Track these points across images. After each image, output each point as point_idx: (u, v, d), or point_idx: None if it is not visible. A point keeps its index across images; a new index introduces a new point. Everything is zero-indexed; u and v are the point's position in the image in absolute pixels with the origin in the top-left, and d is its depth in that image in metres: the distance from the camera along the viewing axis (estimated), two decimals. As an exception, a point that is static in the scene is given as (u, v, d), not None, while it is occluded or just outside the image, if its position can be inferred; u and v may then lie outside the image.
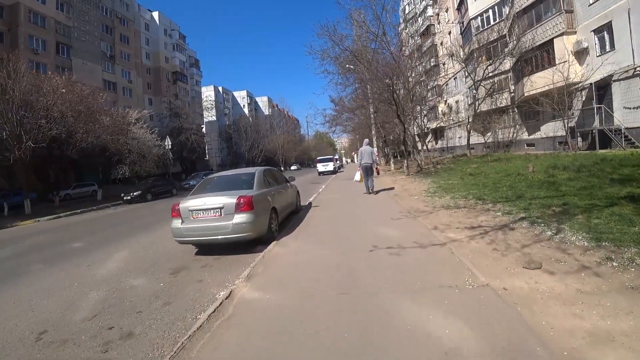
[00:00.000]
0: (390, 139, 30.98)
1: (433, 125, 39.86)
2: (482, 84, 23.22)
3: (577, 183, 8.71)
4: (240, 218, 6.07)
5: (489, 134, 28.91)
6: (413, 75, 22.31)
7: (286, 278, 4.50)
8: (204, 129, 65.81)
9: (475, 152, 31.96)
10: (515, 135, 25.92)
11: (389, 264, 4.56)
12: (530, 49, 21.37)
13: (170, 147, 27.82)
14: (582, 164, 11.39)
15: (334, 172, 32.14)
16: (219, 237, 6.16)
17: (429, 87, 34.22)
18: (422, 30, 40.76)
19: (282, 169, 69.49)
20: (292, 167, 69.47)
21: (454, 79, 36.93)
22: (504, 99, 26.53)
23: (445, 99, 38.70)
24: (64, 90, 19.51)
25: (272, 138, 72.92)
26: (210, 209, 6.29)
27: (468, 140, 24.13)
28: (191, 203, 6.49)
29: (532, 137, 24.45)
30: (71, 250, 8.24)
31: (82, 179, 33.15)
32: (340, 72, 20.10)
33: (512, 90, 25.68)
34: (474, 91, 23.69)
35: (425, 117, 31.56)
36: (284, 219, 8.37)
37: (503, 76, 26.13)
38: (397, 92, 15.35)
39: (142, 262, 6.43)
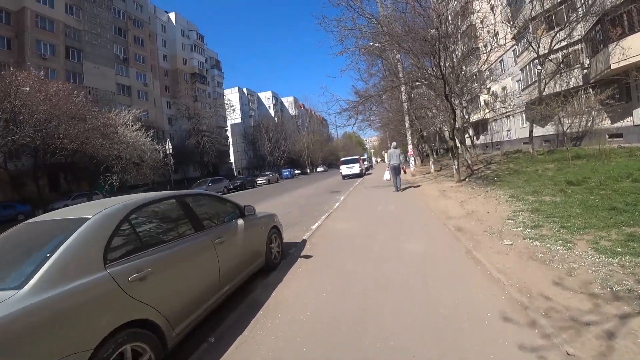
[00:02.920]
0: (426, 135, 25.32)
1: (474, 117, 33.60)
2: (549, 58, 17.28)
3: None
4: None
5: (550, 124, 22.85)
6: (456, 53, 16.76)
7: None
8: (228, 132, 62.48)
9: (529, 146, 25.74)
10: (590, 124, 19.62)
11: None
12: (620, 2, 15.23)
13: (171, 150, 23.78)
14: None
15: (360, 175, 26.85)
16: None
17: (467, 75, 28.16)
18: (458, 8, 34.51)
19: (309, 170, 64.91)
20: (319, 169, 64.64)
21: (500, 61, 30.72)
22: (572, 78, 20.25)
23: (488, 86, 32.35)
24: (27, 88, 15.69)
25: (297, 139, 68.53)
26: None
27: (530, 132, 18.24)
28: None
29: (617, 125, 18.11)
30: None
31: (96, 188, 29.73)
32: (362, 53, 15.08)
33: (586, 66, 19.40)
34: (538, 67, 17.76)
35: (465, 109, 25.70)
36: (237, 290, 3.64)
37: (571, 49, 19.89)
38: (444, 60, 10.02)
39: None
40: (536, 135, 24.68)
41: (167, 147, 23.80)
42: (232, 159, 64.14)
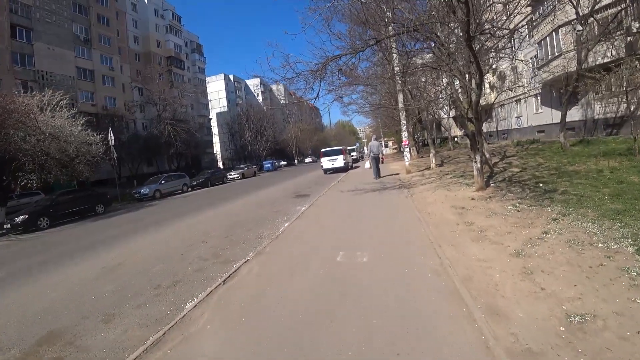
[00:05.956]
0: (423, 119, 20.44)
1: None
2: (594, 17, 12.51)
3: None
4: None
5: (575, 108, 18.34)
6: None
7: None
8: (213, 121, 57.18)
9: (546, 136, 21.09)
10: (635, 107, 14.88)
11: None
12: None
13: (113, 142, 18.85)
14: None
15: (344, 169, 21.95)
16: None
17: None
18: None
19: (296, 161, 59.91)
20: (307, 160, 59.30)
21: (509, 37, 25.66)
22: (612, 48, 15.38)
23: (493, 66, 27.35)
24: None
25: (287, 127, 63.42)
26: None
27: (564, 116, 13.46)
28: None
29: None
30: None
31: (53, 185, 23.21)
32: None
33: (635, 30, 14.51)
34: (578, 29, 12.90)
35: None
36: None
37: (611, 10, 14.99)
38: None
39: None
40: (556, 122, 20.10)
41: (109, 139, 18.84)
42: (217, 150, 59.03)
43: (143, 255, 6.58)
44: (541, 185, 7.10)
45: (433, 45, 9.18)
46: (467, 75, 7.31)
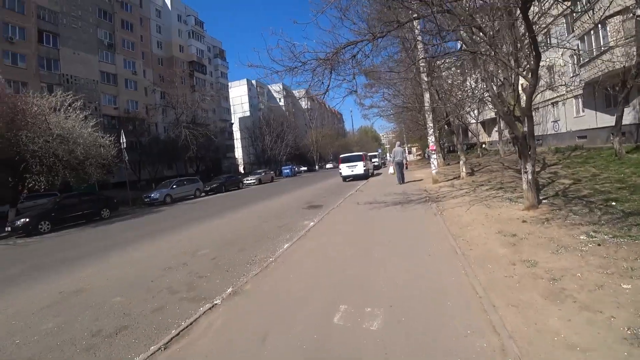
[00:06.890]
0: (451, 122, 18.73)
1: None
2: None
3: None
4: None
5: (628, 108, 16.19)
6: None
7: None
8: (235, 125, 56.97)
9: (589, 142, 18.83)
10: None
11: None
12: None
13: (124, 146, 18.21)
14: None
15: (364, 176, 20.38)
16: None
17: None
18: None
19: (317, 167, 58.67)
20: (328, 166, 57.81)
21: (544, 33, 23.56)
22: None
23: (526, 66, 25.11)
24: None
25: (309, 133, 62.27)
26: None
27: (619, 118, 11.43)
28: None
29: None
30: None
31: (69, 188, 22.55)
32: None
33: None
34: (638, 16, 10.95)
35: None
36: None
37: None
38: None
39: None
40: (601, 126, 17.94)
41: (121, 142, 18.22)
42: (238, 154, 58.68)
43: (112, 278, 5.43)
44: (614, 204, 5.42)
45: (466, 34, 7.63)
46: (513, 62, 5.75)
